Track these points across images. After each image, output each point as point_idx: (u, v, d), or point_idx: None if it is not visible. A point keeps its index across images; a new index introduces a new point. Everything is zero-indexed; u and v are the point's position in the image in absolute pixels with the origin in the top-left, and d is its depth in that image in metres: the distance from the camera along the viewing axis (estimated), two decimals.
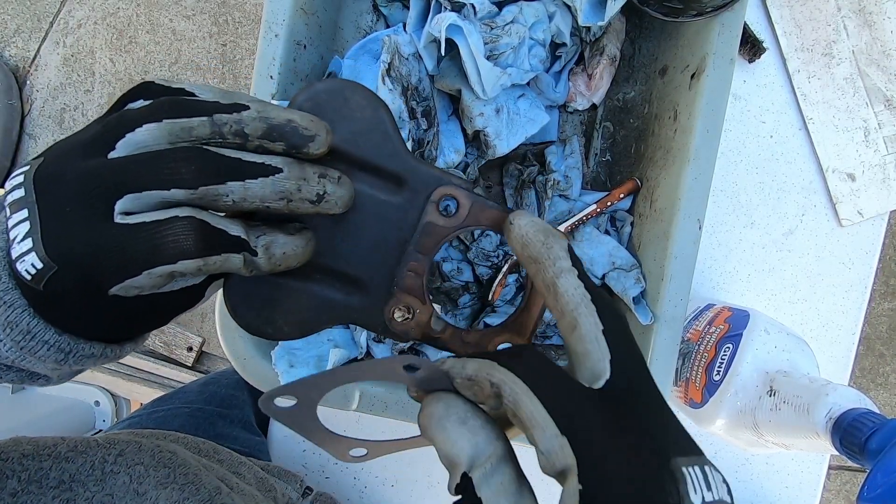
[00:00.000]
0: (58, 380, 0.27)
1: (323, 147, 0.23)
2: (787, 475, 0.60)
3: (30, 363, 0.24)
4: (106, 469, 0.35)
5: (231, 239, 0.22)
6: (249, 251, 0.22)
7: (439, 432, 0.19)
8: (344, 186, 0.24)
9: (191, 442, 0.47)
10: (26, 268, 0.21)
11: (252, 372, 0.45)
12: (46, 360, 0.24)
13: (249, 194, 0.21)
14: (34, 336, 0.23)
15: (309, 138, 0.23)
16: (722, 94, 0.43)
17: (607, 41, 0.51)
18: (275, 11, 0.43)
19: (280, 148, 0.22)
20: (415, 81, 0.49)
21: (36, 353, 0.24)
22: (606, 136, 0.55)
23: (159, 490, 0.36)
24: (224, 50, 1.38)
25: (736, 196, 0.59)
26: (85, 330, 0.24)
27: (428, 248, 0.26)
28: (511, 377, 0.18)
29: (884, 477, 0.31)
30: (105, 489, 0.34)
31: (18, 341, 0.23)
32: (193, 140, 0.21)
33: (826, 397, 0.38)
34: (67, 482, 0.33)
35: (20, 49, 1.41)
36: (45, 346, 0.23)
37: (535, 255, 0.22)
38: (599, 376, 0.19)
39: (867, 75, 0.59)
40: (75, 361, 0.25)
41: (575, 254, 0.22)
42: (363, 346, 0.48)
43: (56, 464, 0.33)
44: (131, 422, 0.59)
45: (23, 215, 0.21)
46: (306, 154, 0.23)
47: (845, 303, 0.60)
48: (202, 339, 1.33)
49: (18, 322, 0.23)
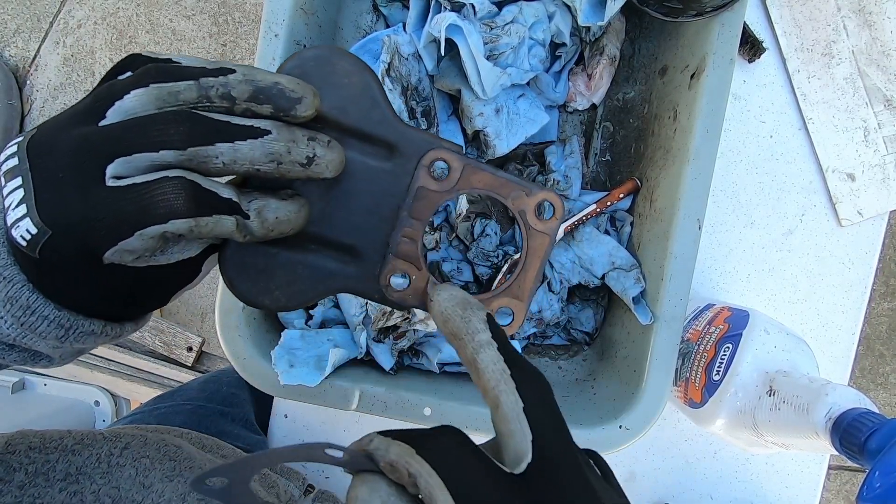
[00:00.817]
0: (60, 360, 0.27)
1: (310, 109, 0.23)
2: (787, 475, 0.60)
3: (31, 341, 0.24)
4: (112, 462, 0.35)
5: (222, 200, 0.22)
6: (241, 214, 0.22)
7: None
8: (334, 150, 0.24)
9: (194, 437, 0.47)
10: (21, 234, 0.21)
11: (252, 372, 0.45)
12: (47, 337, 0.24)
13: (239, 156, 0.22)
14: (34, 311, 0.23)
15: (296, 100, 0.23)
16: (722, 94, 0.43)
17: (607, 41, 0.51)
18: (275, 11, 0.43)
19: (268, 111, 0.23)
20: (415, 81, 0.49)
21: (36, 330, 0.24)
22: (606, 136, 0.55)
23: (165, 483, 0.36)
24: (224, 50, 1.38)
25: (736, 196, 0.59)
26: (83, 302, 0.24)
27: (421, 213, 0.26)
28: (427, 469, 0.18)
29: (883, 477, 0.31)
30: (111, 482, 0.34)
31: (18, 317, 0.23)
32: (181, 104, 0.22)
33: (826, 397, 0.38)
34: (74, 475, 0.33)
35: (20, 49, 1.41)
36: (44, 321, 0.24)
37: (455, 331, 0.22)
38: (521, 458, 0.19)
39: (867, 75, 0.59)
40: (76, 339, 0.25)
41: (496, 324, 0.22)
42: (363, 346, 0.48)
43: (63, 456, 0.34)
44: (133, 418, 0.59)
45: (17, 183, 0.21)
46: (294, 117, 0.23)
47: (845, 303, 0.60)
48: (202, 339, 1.33)
49: (18, 297, 0.23)
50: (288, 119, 0.23)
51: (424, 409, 0.45)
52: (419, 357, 0.50)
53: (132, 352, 1.30)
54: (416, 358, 0.50)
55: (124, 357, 1.28)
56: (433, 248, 0.53)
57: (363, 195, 0.26)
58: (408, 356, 0.50)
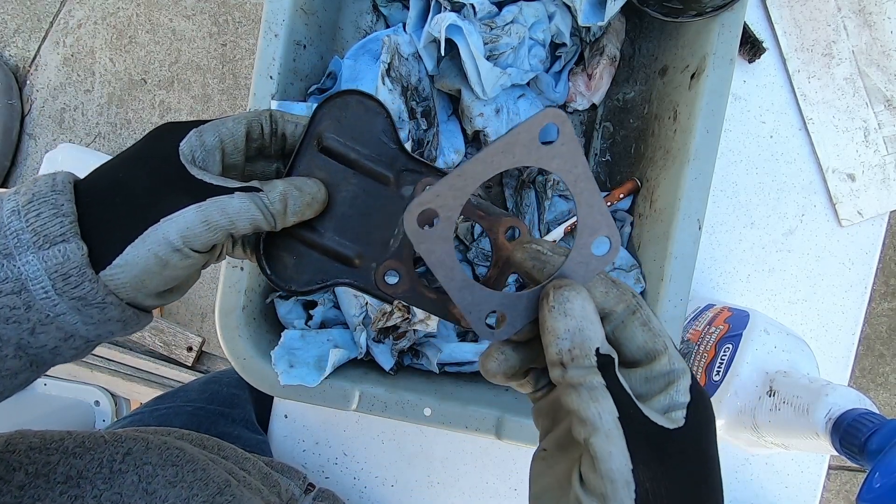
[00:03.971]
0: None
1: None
2: (787, 475, 0.60)
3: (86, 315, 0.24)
4: (114, 468, 0.35)
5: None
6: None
7: (579, 308, 0.21)
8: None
9: (195, 439, 0.47)
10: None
11: (252, 372, 0.45)
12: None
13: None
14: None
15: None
16: (722, 94, 0.43)
17: (607, 41, 0.51)
18: (275, 11, 0.43)
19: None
20: (415, 81, 0.49)
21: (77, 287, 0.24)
22: (606, 136, 0.55)
23: (168, 489, 0.36)
24: (224, 50, 1.38)
25: (736, 196, 0.59)
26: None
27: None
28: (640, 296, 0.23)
29: (883, 477, 0.31)
30: (113, 488, 0.34)
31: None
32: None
33: (826, 397, 0.38)
34: (75, 478, 0.33)
35: (20, 49, 1.41)
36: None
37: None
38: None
39: (867, 75, 0.59)
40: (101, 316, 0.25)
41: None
42: (363, 347, 0.48)
43: (64, 458, 0.33)
44: (133, 419, 0.59)
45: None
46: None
47: (845, 303, 0.60)
48: (202, 339, 1.33)
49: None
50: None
51: (424, 409, 0.45)
52: (419, 357, 0.50)
53: (132, 352, 1.30)
54: (416, 358, 0.50)
55: (124, 357, 1.28)
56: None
57: (375, 214, 0.31)
58: (408, 356, 0.50)
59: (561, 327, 0.21)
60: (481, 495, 0.59)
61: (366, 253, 0.31)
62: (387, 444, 0.58)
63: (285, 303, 0.49)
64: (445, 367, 0.50)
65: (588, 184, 0.23)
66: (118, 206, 0.25)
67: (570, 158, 0.22)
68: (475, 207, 0.31)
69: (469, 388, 0.48)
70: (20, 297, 0.23)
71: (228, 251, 0.31)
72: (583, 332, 0.21)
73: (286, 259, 0.30)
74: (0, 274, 0.23)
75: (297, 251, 0.30)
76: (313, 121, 0.30)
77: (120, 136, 1.40)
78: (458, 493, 0.59)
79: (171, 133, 0.27)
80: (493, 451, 0.59)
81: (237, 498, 0.39)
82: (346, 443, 0.58)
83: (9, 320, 0.23)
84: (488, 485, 0.59)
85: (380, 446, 0.58)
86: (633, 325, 0.22)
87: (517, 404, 0.47)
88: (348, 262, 0.31)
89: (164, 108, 1.39)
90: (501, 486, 0.59)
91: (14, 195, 0.24)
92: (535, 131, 0.21)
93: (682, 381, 0.22)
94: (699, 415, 0.22)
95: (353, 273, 0.31)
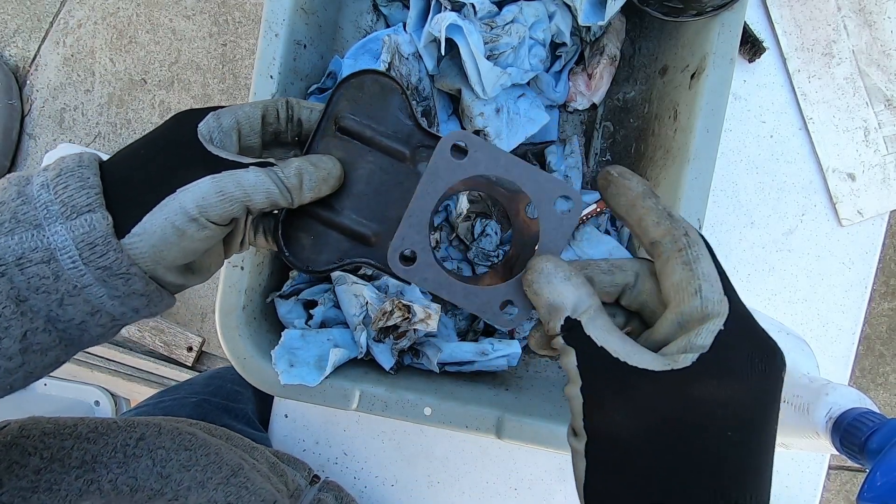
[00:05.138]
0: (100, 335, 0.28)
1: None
2: (787, 475, 0.60)
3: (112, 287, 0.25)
4: (128, 452, 0.35)
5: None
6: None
7: (545, 285, 0.24)
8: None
9: (204, 427, 0.47)
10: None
11: (252, 372, 0.45)
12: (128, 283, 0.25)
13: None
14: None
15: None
16: (722, 94, 0.43)
17: (607, 41, 0.51)
18: (275, 11, 0.43)
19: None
20: (415, 81, 0.49)
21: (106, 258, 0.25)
22: (606, 136, 0.55)
23: (183, 472, 0.36)
24: (224, 50, 1.38)
25: (736, 196, 0.59)
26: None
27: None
28: (700, 238, 0.23)
29: (883, 476, 0.31)
30: (128, 472, 0.34)
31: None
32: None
33: (826, 397, 0.38)
34: (90, 462, 0.33)
35: (20, 49, 1.41)
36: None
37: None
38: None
39: (867, 75, 0.59)
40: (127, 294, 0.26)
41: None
42: (363, 346, 0.48)
43: (78, 443, 0.34)
44: (138, 412, 0.59)
45: None
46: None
47: (845, 303, 0.60)
48: (202, 339, 1.33)
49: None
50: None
51: (424, 409, 0.45)
52: (419, 357, 0.50)
53: (132, 352, 1.30)
54: (416, 358, 0.50)
55: (124, 357, 1.28)
56: (434, 247, 0.53)
57: (392, 191, 0.31)
58: (408, 356, 0.50)
59: (540, 304, 0.25)
60: (481, 495, 0.59)
61: (383, 231, 0.31)
62: (387, 443, 0.58)
63: (285, 302, 0.49)
64: (445, 367, 0.50)
65: (518, 165, 0.26)
66: (138, 181, 0.26)
67: (490, 157, 0.26)
68: (495, 185, 0.30)
69: (469, 387, 0.48)
70: (49, 267, 0.24)
71: (251, 240, 0.32)
72: (552, 305, 0.24)
73: (304, 240, 0.31)
74: (31, 244, 0.24)
75: (314, 231, 0.31)
76: (330, 102, 0.31)
77: (120, 136, 1.40)
78: (458, 492, 0.59)
79: (191, 116, 0.28)
80: (493, 450, 0.59)
81: (251, 480, 0.39)
82: (347, 442, 0.58)
83: (38, 290, 0.24)
84: (488, 484, 0.59)
85: (380, 446, 0.58)
86: (674, 262, 0.23)
87: (517, 404, 0.47)
88: (365, 240, 0.31)
89: (164, 108, 1.39)
90: (501, 486, 0.59)
91: (43, 171, 0.25)
92: (447, 154, 0.25)
93: (708, 325, 0.22)
94: (723, 361, 0.21)
95: (371, 252, 0.31)
